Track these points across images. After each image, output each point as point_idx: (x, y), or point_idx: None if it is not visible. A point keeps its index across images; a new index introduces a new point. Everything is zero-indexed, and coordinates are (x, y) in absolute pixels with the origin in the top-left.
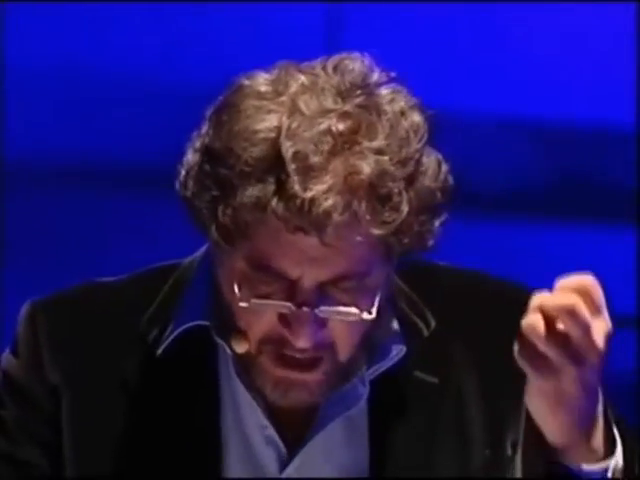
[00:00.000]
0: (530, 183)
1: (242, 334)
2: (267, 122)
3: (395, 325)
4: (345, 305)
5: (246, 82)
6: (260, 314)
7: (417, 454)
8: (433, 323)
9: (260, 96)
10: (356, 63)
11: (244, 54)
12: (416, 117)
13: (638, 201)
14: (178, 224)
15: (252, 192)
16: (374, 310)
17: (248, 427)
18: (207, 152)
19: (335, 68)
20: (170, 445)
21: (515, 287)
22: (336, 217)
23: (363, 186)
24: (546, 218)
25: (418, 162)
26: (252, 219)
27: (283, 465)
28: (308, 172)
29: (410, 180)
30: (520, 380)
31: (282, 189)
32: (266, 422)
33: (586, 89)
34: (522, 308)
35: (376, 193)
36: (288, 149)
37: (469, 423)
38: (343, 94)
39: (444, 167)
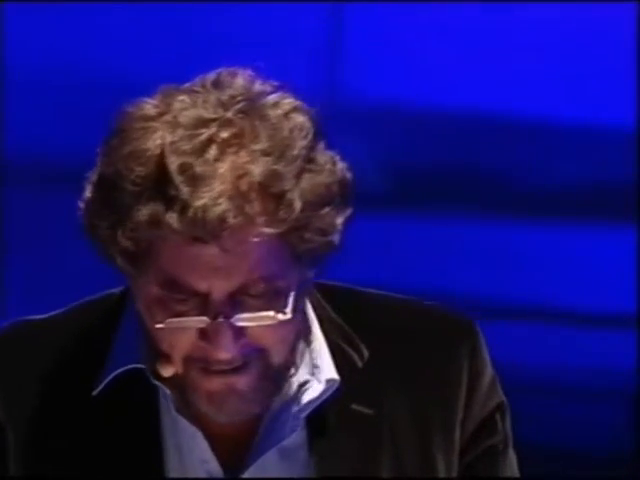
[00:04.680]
0: (529, 182)
1: (166, 357)
2: (152, 141)
3: (327, 356)
4: (259, 310)
5: (132, 109)
6: (180, 334)
7: None
8: (366, 354)
9: (145, 118)
10: (236, 77)
11: (246, 55)
12: (299, 117)
13: (638, 201)
14: None
15: (145, 210)
16: (289, 310)
17: (191, 463)
18: (100, 181)
19: (214, 83)
20: None
21: (441, 313)
22: (231, 221)
23: (253, 187)
24: (547, 218)
25: (308, 159)
26: (151, 237)
27: None
28: (196, 182)
29: (300, 176)
30: (448, 408)
31: (173, 202)
32: (208, 456)
33: (586, 89)
34: (447, 334)
35: (267, 192)
36: (172, 163)
37: (403, 452)
38: (224, 104)
39: (340, 164)
